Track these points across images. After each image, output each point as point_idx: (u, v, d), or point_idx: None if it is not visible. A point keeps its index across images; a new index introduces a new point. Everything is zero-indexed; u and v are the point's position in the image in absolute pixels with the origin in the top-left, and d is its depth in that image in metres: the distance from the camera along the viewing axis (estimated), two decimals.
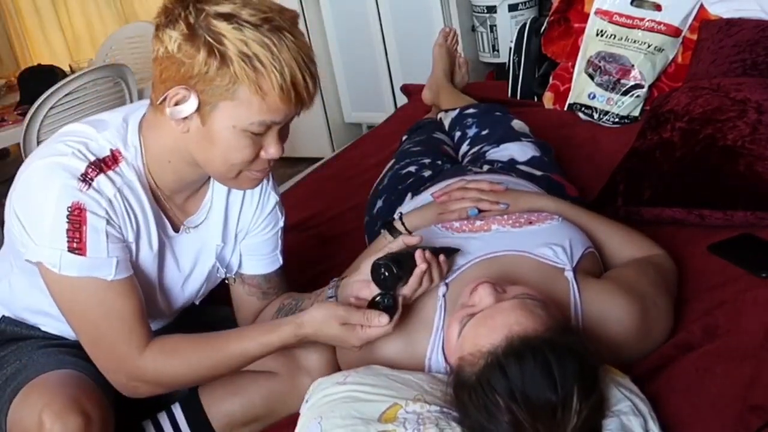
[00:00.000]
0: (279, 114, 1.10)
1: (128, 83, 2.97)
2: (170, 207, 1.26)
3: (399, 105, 3.30)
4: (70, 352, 1.27)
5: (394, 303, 1.15)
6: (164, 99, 1.10)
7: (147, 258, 1.23)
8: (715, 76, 1.99)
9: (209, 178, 1.28)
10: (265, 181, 1.33)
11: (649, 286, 1.29)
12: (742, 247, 1.48)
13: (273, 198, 1.36)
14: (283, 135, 1.16)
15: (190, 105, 1.09)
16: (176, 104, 1.10)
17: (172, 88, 1.09)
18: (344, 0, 3.66)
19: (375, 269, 1.15)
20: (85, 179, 1.12)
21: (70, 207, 1.10)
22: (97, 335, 1.18)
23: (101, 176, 1.14)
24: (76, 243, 1.11)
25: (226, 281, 1.40)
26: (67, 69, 3.41)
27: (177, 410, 1.39)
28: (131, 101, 2.95)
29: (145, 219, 1.20)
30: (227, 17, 1.05)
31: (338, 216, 2.10)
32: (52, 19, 4.92)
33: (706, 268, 1.46)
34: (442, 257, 1.21)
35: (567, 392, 0.96)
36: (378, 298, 1.16)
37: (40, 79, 3.07)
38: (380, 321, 1.13)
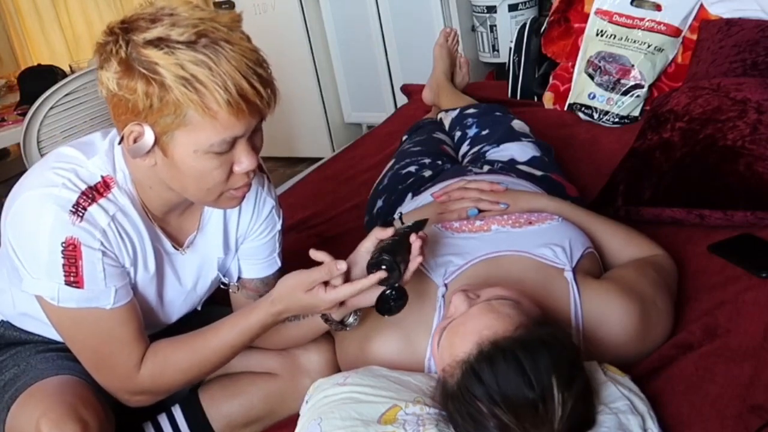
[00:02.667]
0: (237, 128, 1.04)
1: None
2: (167, 226, 1.25)
3: (399, 105, 3.30)
4: (68, 356, 1.27)
5: (402, 293, 1.14)
6: (122, 138, 1.07)
7: (145, 278, 1.23)
8: (715, 76, 1.99)
9: None
10: (260, 187, 1.32)
11: (649, 286, 1.29)
12: (742, 247, 1.48)
13: (269, 203, 1.35)
14: (254, 144, 1.11)
15: (147, 140, 1.05)
16: (134, 142, 1.06)
17: (126, 125, 1.05)
18: (344, 0, 3.67)
19: (371, 269, 1.12)
20: (77, 211, 1.10)
21: (64, 243, 1.09)
22: (98, 360, 1.19)
23: (94, 206, 1.12)
24: (73, 277, 1.10)
25: (224, 287, 1.39)
26: (67, 69, 3.41)
27: (177, 411, 1.39)
28: None
29: (141, 241, 1.19)
30: (156, 43, 1.00)
31: (338, 216, 2.10)
32: (52, 19, 4.91)
33: (706, 268, 1.46)
34: (422, 233, 1.19)
35: (544, 385, 0.95)
36: (387, 293, 1.14)
37: (40, 79, 3.06)
38: (339, 268, 1.11)
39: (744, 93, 1.75)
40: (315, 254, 1.13)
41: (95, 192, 1.13)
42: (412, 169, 1.84)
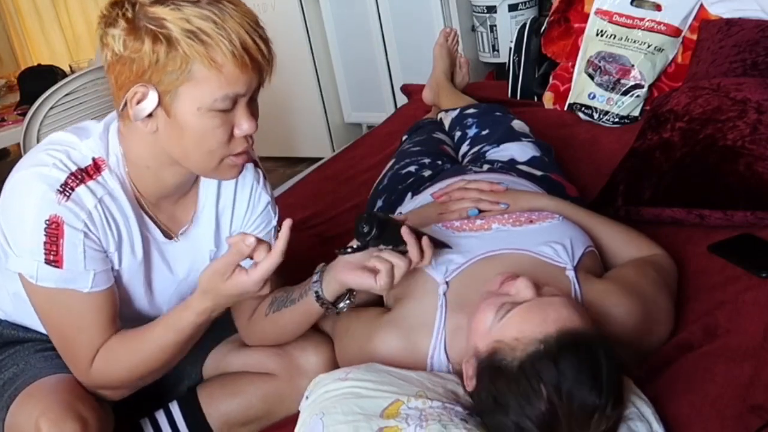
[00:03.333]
0: (240, 84, 1.07)
1: None
2: (159, 215, 1.25)
3: (399, 105, 3.30)
4: None
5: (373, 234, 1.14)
6: (125, 104, 1.09)
7: (132, 265, 1.22)
8: (715, 76, 1.99)
9: (195, 182, 1.27)
10: (255, 182, 1.33)
11: (649, 286, 1.29)
12: (742, 247, 1.48)
13: (264, 198, 1.35)
14: (252, 110, 1.13)
15: (151, 100, 1.07)
16: (137, 103, 1.08)
17: (129, 90, 1.07)
18: (344, 0, 3.67)
19: (358, 220, 1.14)
20: (64, 191, 1.11)
21: (47, 220, 1.10)
22: (65, 345, 1.20)
23: (82, 187, 1.13)
24: (53, 256, 1.11)
25: None
26: (67, 69, 3.41)
27: (175, 408, 1.39)
28: None
29: (128, 227, 1.19)
30: (162, 1, 1.04)
31: (338, 216, 2.10)
32: (52, 19, 4.92)
33: (706, 268, 1.46)
34: (425, 239, 1.19)
35: (608, 399, 0.98)
36: (348, 248, 1.15)
37: (40, 79, 3.07)
38: (248, 243, 1.08)
39: (744, 93, 1.75)
40: (229, 240, 1.12)
41: (85, 174, 1.14)
42: (412, 169, 1.84)
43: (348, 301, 1.24)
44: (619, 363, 1.03)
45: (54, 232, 1.10)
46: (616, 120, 2.27)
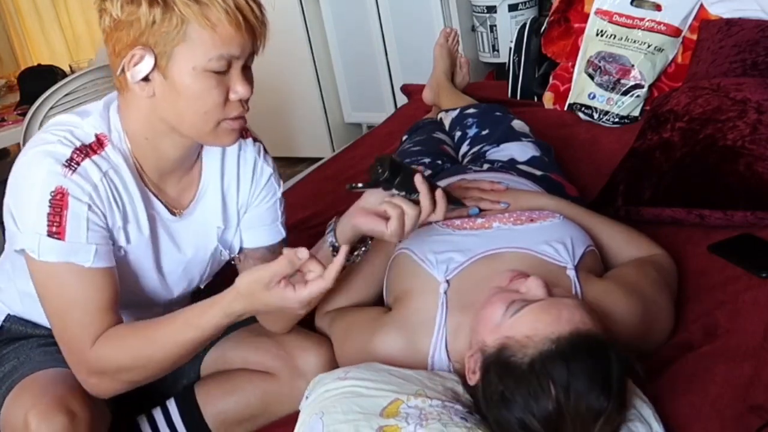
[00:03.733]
0: (234, 44, 1.10)
1: None
2: (163, 192, 1.25)
3: (399, 105, 3.30)
4: None
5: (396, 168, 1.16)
6: (122, 70, 1.11)
7: (140, 242, 1.23)
8: (715, 76, 1.99)
9: (198, 159, 1.28)
10: (257, 156, 1.34)
11: (649, 286, 1.29)
12: (742, 247, 1.48)
13: (267, 170, 1.36)
14: (247, 76, 1.15)
15: (148, 61, 1.09)
16: (134, 66, 1.10)
17: (126, 55, 1.10)
18: (344, 0, 3.67)
19: (375, 161, 1.15)
20: (70, 164, 1.13)
21: (53, 191, 1.11)
22: (63, 326, 1.16)
23: (87, 161, 1.14)
24: (56, 227, 1.11)
25: (232, 262, 1.39)
26: (67, 69, 3.41)
27: (172, 406, 1.39)
28: None
29: (132, 202, 1.20)
30: None
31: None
32: (52, 19, 4.91)
33: (706, 268, 1.46)
34: (439, 191, 1.18)
35: (614, 404, 0.98)
36: (358, 184, 1.17)
37: (40, 79, 3.06)
38: (300, 257, 1.04)
39: (744, 93, 1.75)
40: (284, 251, 1.07)
41: (89, 149, 1.16)
42: None
43: (363, 249, 1.25)
44: (627, 367, 1.03)
45: (58, 203, 1.11)
46: (616, 120, 2.27)
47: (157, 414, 1.39)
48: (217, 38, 1.08)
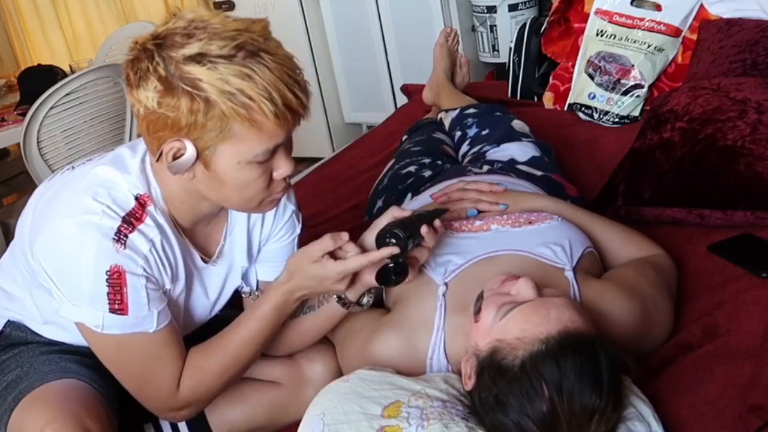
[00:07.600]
0: (280, 136, 1.06)
1: None
2: (194, 237, 1.24)
3: (399, 105, 3.30)
4: (71, 358, 1.27)
5: (404, 269, 1.17)
6: (160, 155, 1.06)
7: (176, 293, 1.23)
8: (715, 76, 1.99)
9: None
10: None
11: (649, 286, 1.29)
12: (742, 247, 1.48)
13: (290, 207, 1.35)
14: (288, 148, 1.13)
15: (189, 156, 1.05)
16: (174, 159, 1.06)
17: (165, 142, 1.04)
18: (344, 0, 3.67)
19: (381, 239, 1.15)
20: (119, 239, 1.09)
21: (108, 271, 1.08)
22: (142, 383, 1.19)
23: (135, 233, 1.11)
24: (118, 304, 1.10)
25: (244, 296, 1.38)
26: (67, 69, 3.40)
27: None
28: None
29: (175, 258, 1.19)
30: (197, 59, 0.99)
31: (338, 216, 2.10)
32: (52, 19, 4.91)
33: (706, 268, 1.46)
34: (437, 222, 1.21)
35: (608, 400, 0.98)
36: (391, 266, 1.16)
37: (40, 79, 3.06)
38: (343, 237, 1.14)
39: (744, 93, 1.75)
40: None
41: (133, 218, 1.12)
42: (412, 169, 1.84)
43: (370, 296, 1.25)
44: (619, 365, 1.03)
45: (117, 281, 1.09)
46: (616, 120, 2.27)
47: (164, 423, 1.38)
48: (264, 135, 1.04)
